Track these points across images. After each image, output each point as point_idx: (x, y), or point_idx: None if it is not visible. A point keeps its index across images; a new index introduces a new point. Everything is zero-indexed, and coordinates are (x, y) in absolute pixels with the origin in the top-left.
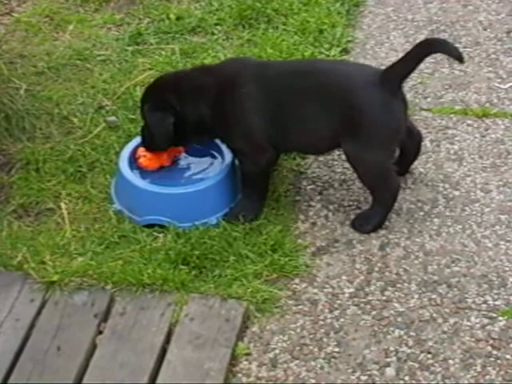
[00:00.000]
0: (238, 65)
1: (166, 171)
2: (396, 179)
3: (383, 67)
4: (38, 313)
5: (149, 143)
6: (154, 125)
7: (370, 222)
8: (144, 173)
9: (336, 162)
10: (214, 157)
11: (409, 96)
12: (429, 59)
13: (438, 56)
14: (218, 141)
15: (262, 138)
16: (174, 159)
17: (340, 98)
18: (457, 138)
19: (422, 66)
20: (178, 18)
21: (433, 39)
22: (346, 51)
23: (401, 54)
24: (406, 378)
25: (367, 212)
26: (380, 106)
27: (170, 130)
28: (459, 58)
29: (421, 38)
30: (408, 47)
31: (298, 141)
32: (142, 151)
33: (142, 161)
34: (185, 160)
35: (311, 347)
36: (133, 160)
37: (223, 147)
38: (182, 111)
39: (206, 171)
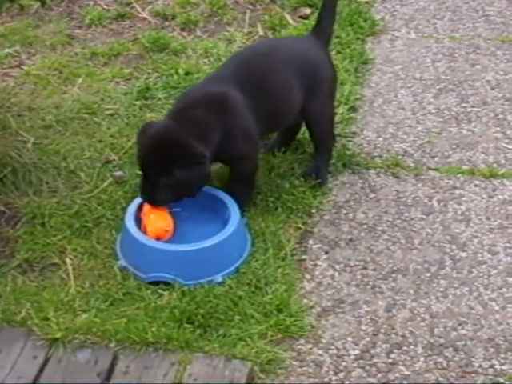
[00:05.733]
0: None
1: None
2: None
3: (391, 125)
4: (41, 370)
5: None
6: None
7: (321, 171)
8: None
9: (343, 221)
10: (219, 214)
11: (416, 155)
12: (436, 118)
13: (446, 115)
14: (224, 198)
15: (256, 133)
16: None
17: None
18: (464, 199)
19: (429, 124)
20: (186, 73)
21: None
22: (353, 109)
23: (409, 113)
24: None
25: (315, 165)
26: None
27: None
28: None
29: (428, 96)
30: (416, 106)
31: (280, 118)
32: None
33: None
34: (191, 217)
35: None
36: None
37: (229, 204)
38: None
39: (212, 229)
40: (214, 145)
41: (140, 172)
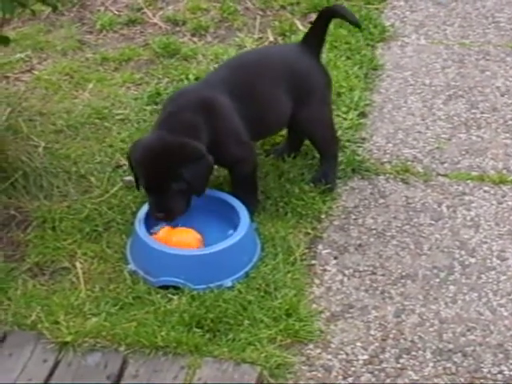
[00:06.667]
0: (199, 91)
1: None
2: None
3: (401, 131)
4: (51, 373)
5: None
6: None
7: (329, 176)
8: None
9: (352, 227)
10: (229, 219)
11: (425, 161)
12: (446, 124)
13: (455, 122)
14: (233, 203)
15: (247, 136)
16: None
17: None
18: (473, 205)
19: (438, 130)
20: (196, 79)
21: (331, 6)
22: (363, 115)
23: (418, 119)
24: None
25: (322, 171)
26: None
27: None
28: (356, 24)
29: (438, 102)
30: (425, 112)
31: (267, 124)
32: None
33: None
34: (200, 222)
35: None
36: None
37: (239, 209)
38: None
39: (221, 234)
40: (204, 145)
41: (146, 191)
